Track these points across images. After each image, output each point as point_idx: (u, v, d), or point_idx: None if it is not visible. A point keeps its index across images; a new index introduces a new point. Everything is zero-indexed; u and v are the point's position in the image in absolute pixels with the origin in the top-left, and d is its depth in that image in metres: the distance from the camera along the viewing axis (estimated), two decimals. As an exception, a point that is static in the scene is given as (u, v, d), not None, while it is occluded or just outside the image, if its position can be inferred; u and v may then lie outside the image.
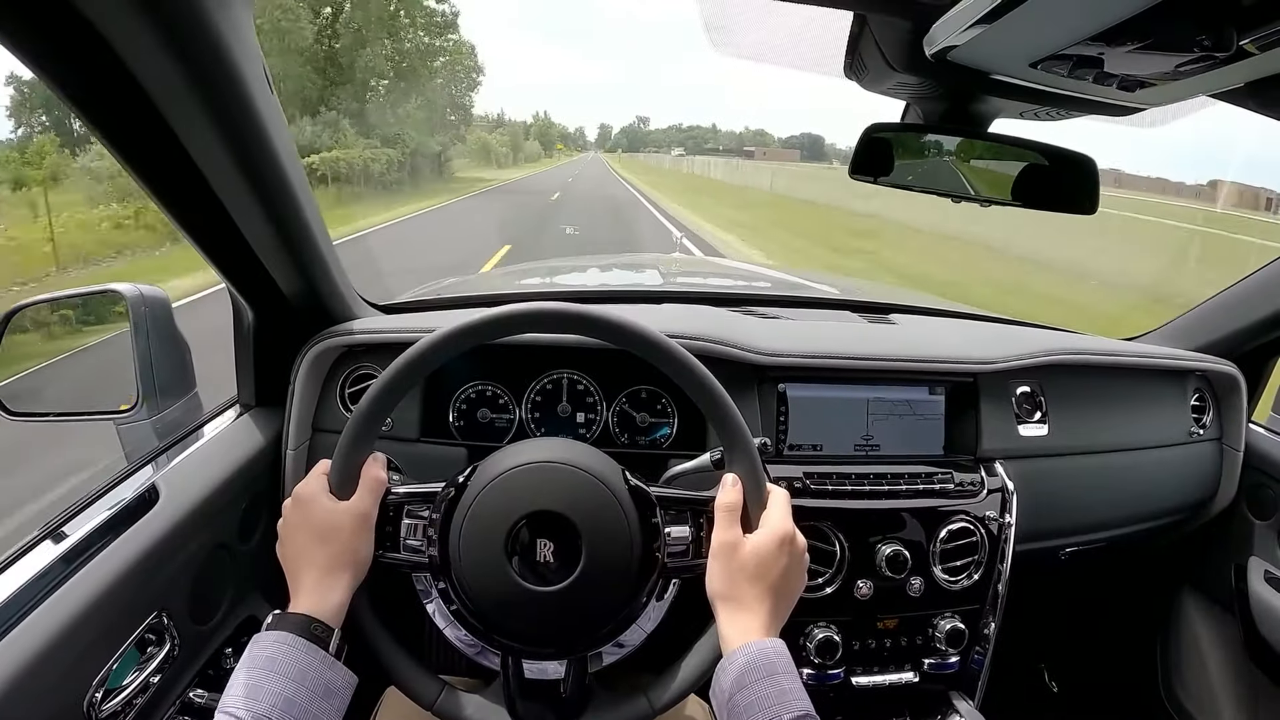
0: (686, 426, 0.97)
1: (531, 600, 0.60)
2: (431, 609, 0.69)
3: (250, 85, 0.57)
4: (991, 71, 0.65)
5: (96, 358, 0.99)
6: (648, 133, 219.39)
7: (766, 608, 0.61)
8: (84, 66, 0.49)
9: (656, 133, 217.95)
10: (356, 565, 0.62)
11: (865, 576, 0.91)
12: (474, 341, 0.64)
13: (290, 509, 0.64)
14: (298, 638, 0.56)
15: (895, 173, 0.80)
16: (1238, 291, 1.18)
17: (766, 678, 0.56)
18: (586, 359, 0.96)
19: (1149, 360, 1.14)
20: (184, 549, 0.72)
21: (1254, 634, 1.13)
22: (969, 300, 2.02)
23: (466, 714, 0.64)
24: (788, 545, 0.63)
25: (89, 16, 0.44)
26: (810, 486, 0.91)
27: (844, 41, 0.68)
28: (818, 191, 20.33)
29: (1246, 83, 0.62)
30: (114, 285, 0.89)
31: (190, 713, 0.73)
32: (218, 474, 0.80)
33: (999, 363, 1.00)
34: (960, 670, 0.96)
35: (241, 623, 0.84)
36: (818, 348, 0.96)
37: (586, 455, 0.65)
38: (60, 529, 0.68)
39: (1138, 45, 0.54)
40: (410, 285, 1.43)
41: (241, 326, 0.89)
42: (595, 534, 0.61)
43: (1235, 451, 1.18)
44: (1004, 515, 0.96)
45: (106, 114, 0.54)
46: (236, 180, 0.64)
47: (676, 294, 1.26)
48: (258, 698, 0.52)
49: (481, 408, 0.95)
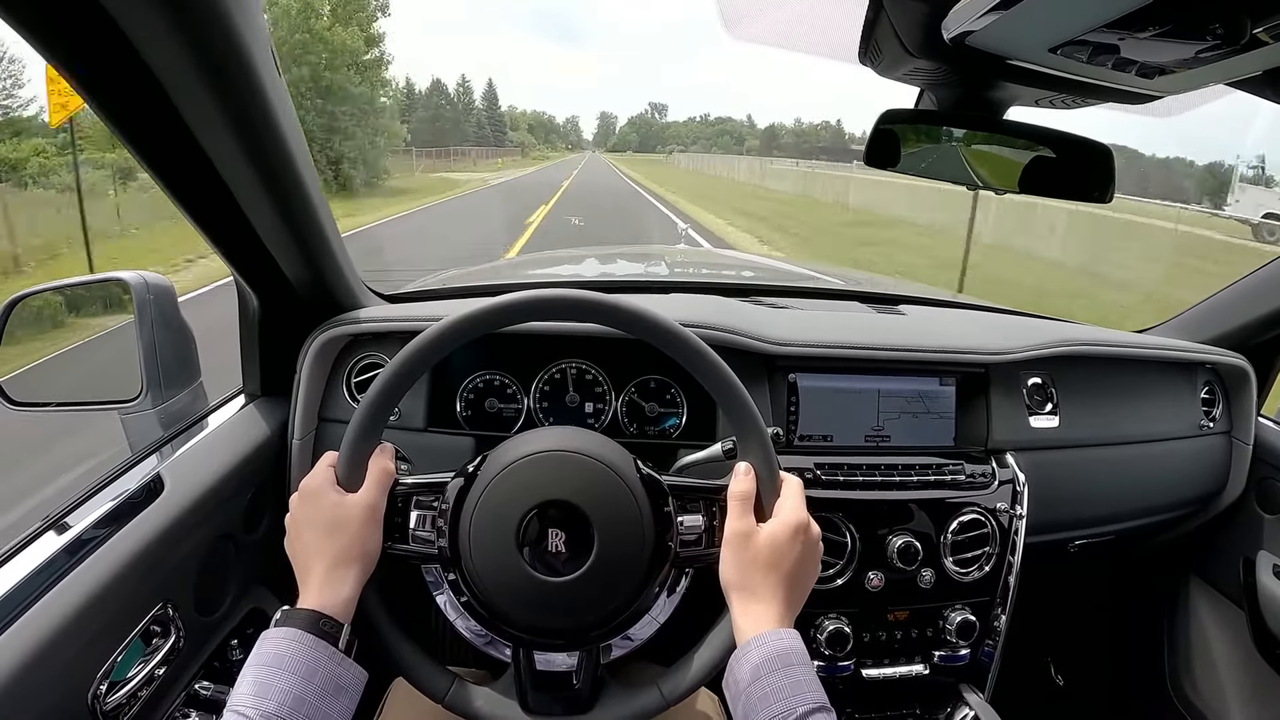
0: (696, 417, 0.96)
1: (543, 591, 0.60)
2: (442, 600, 0.68)
3: (259, 68, 0.56)
4: (1009, 56, 0.64)
5: (101, 347, 0.98)
6: (665, 126, 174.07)
7: (781, 597, 0.61)
8: (91, 49, 0.48)
9: (677, 126, 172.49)
10: (365, 558, 0.61)
11: (876, 568, 0.91)
12: (484, 329, 0.63)
13: (297, 503, 0.63)
14: (306, 634, 0.55)
15: (908, 161, 0.79)
16: (1248, 284, 1.18)
17: (781, 669, 0.56)
18: (595, 348, 0.96)
19: (1159, 353, 1.13)
20: (189, 540, 0.72)
21: (1262, 628, 1.13)
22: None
23: (477, 707, 0.63)
24: (802, 534, 0.62)
25: (100, 1, 0.44)
26: (821, 477, 0.91)
27: (859, 26, 0.67)
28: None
29: (1264, 70, 0.61)
30: (119, 274, 0.88)
31: (196, 705, 0.72)
32: (223, 464, 0.80)
33: (1010, 354, 0.99)
34: (970, 663, 0.95)
35: (247, 614, 0.83)
36: (828, 338, 0.96)
37: (598, 444, 0.65)
38: (64, 520, 0.68)
39: (1157, 32, 0.53)
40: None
41: (247, 315, 0.88)
42: (607, 523, 0.60)
43: (1245, 445, 1.17)
44: (1015, 507, 0.95)
45: (113, 98, 0.53)
46: (244, 166, 0.63)
47: (685, 283, 1.25)
48: (267, 696, 0.51)
49: (489, 397, 0.95)
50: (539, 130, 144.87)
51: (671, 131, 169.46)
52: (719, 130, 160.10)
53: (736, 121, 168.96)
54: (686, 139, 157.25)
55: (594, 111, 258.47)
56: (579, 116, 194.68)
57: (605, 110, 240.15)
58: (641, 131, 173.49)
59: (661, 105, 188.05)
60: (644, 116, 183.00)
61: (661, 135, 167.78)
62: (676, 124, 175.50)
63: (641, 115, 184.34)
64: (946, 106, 0.76)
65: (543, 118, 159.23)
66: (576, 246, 8.30)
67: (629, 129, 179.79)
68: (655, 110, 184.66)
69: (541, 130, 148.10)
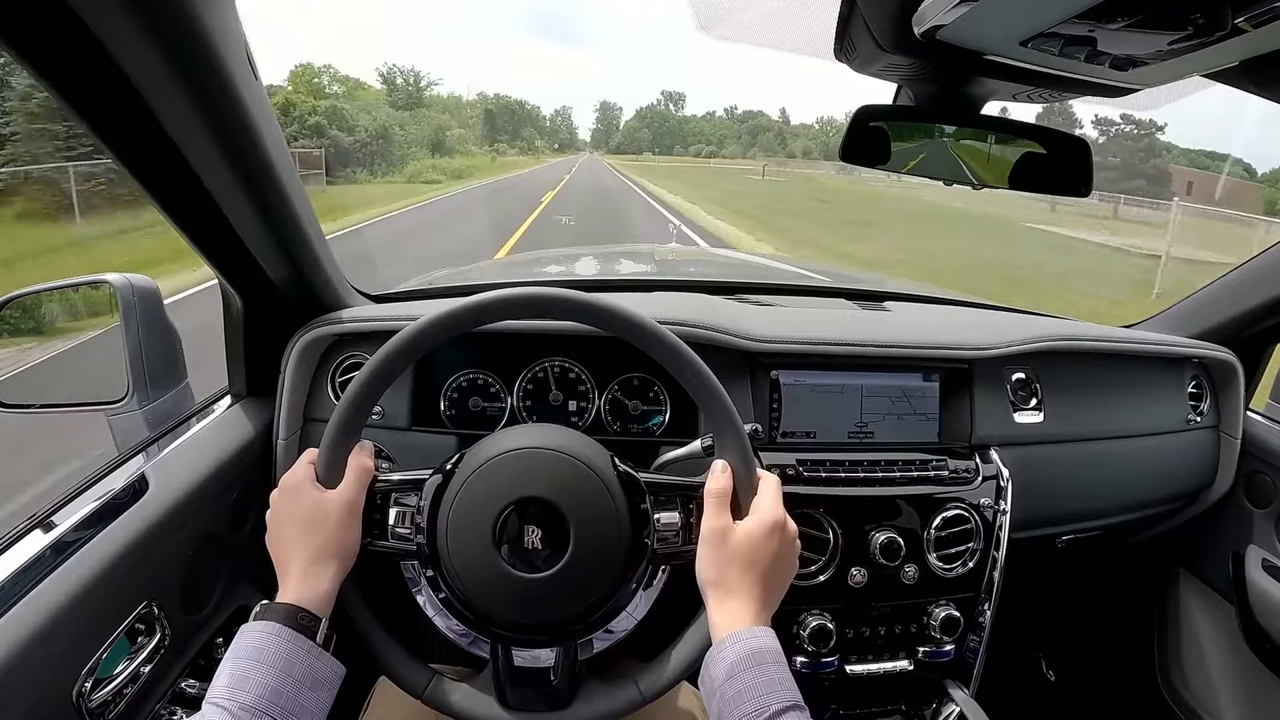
0: (679, 414, 0.96)
1: (520, 587, 0.60)
2: (421, 598, 0.68)
3: (234, 70, 0.56)
4: (982, 51, 0.64)
5: (87, 349, 0.99)
6: (684, 120, 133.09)
7: (757, 595, 0.61)
8: (65, 51, 0.48)
9: (697, 122, 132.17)
10: (344, 554, 0.61)
11: (859, 564, 0.91)
12: (462, 328, 0.64)
13: (277, 498, 0.63)
14: (284, 628, 0.55)
15: (897, 158, 0.79)
16: (1236, 278, 1.18)
17: (755, 666, 0.56)
18: (578, 347, 0.96)
19: (1146, 347, 1.13)
20: (174, 539, 0.72)
21: (1251, 622, 1.13)
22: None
23: (456, 701, 0.64)
24: (778, 531, 0.63)
25: (67, 1, 0.44)
26: (803, 473, 0.91)
27: (834, 23, 0.67)
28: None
29: (1241, 61, 0.61)
30: (104, 275, 0.89)
31: (181, 703, 0.73)
32: (208, 464, 0.80)
33: (993, 349, 0.99)
34: (955, 658, 0.96)
35: (233, 613, 0.84)
36: (811, 334, 0.96)
37: (573, 441, 0.65)
38: (49, 519, 0.68)
39: (1129, 22, 0.53)
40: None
41: (231, 315, 0.89)
42: (583, 520, 0.61)
43: (1233, 439, 1.17)
44: (999, 502, 0.95)
45: (88, 100, 0.54)
46: (222, 168, 0.64)
47: (669, 282, 1.26)
48: (244, 688, 0.52)
49: (473, 396, 0.95)
50: (500, 119, 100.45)
51: (692, 127, 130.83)
52: (753, 127, 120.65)
53: (768, 117, 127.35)
54: (712, 137, 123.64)
55: (591, 101, 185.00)
56: (571, 108, 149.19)
57: (607, 100, 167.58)
58: (655, 126, 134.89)
59: (678, 94, 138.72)
60: (656, 108, 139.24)
61: (680, 132, 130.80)
62: (696, 119, 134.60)
63: (653, 107, 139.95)
64: (924, 102, 0.76)
65: (507, 102, 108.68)
66: (568, 246, 8.21)
67: (637, 123, 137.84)
68: (670, 100, 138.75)
69: (506, 120, 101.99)
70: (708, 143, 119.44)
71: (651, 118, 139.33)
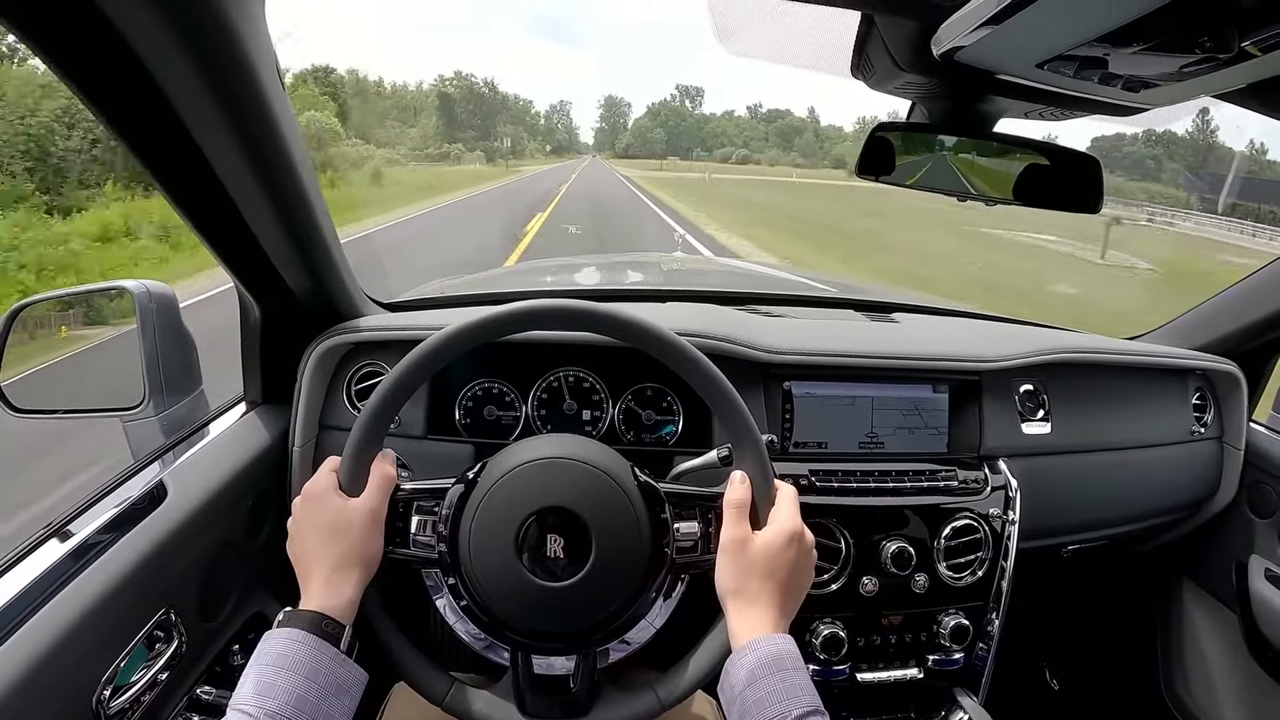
0: (692, 424, 0.97)
1: (541, 595, 0.61)
2: (441, 605, 0.69)
3: (263, 79, 0.57)
4: (998, 72, 0.66)
5: (103, 355, 0.99)
6: (703, 120, 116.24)
7: (776, 603, 0.62)
8: (98, 60, 0.49)
9: (718, 120, 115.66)
10: (367, 562, 0.62)
11: (870, 573, 0.92)
12: (483, 339, 0.64)
13: (300, 506, 0.64)
14: (309, 634, 0.56)
15: (900, 172, 0.80)
16: (1239, 291, 1.19)
17: (776, 673, 0.57)
18: (592, 356, 0.97)
19: (1151, 359, 1.15)
20: (192, 546, 0.73)
21: (1255, 632, 1.13)
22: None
23: (476, 709, 0.64)
24: (796, 542, 0.63)
25: (105, 11, 0.44)
26: (816, 484, 0.92)
27: (852, 41, 0.68)
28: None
29: (1249, 84, 0.63)
30: (121, 282, 0.89)
31: (198, 709, 0.73)
32: (225, 471, 0.81)
33: (1002, 361, 1.00)
34: (965, 667, 0.96)
35: (249, 620, 0.84)
36: (823, 346, 0.97)
37: (596, 451, 0.66)
38: (67, 526, 0.68)
39: (1143, 46, 0.54)
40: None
41: (249, 323, 0.89)
42: (605, 530, 0.61)
43: (1236, 450, 1.19)
44: (1007, 512, 0.96)
45: (119, 108, 0.54)
46: (247, 176, 0.64)
47: (681, 292, 1.27)
48: (270, 695, 0.52)
49: (488, 405, 0.96)
50: (461, 108, 77.10)
51: (713, 127, 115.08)
52: (782, 128, 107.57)
53: (796, 116, 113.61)
54: (736, 138, 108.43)
55: (595, 95, 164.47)
56: (570, 103, 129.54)
57: (612, 94, 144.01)
58: (670, 125, 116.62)
59: (696, 89, 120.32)
60: (671, 104, 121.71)
61: (699, 132, 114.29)
62: (716, 117, 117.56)
63: (667, 103, 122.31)
64: (938, 119, 0.77)
65: (474, 88, 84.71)
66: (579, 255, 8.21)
67: (650, 122, 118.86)
68: (687, 96, 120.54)
69: (476, 110, 77.69)
70: (735, 145, 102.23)
71: (666, 115, 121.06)
